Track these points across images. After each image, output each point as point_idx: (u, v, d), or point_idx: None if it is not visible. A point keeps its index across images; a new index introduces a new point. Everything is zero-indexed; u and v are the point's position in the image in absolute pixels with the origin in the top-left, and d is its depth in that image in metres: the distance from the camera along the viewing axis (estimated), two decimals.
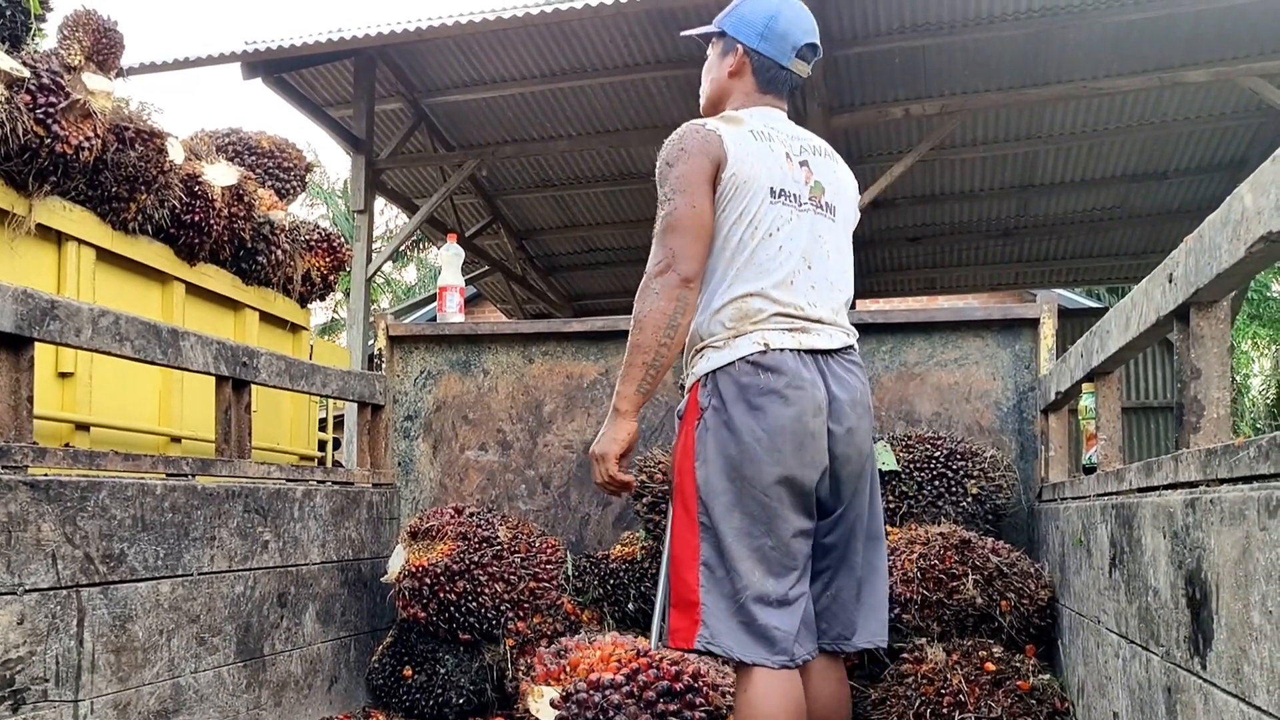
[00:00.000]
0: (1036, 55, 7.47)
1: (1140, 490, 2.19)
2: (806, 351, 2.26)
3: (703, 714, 2.91)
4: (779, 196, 2.30)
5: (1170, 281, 2.01)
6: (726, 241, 2.30)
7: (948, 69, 7.69)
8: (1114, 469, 2.54)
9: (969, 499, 3.65)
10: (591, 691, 2.88)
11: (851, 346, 2.38)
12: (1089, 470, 3.46)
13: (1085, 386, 3.16)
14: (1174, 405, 2.04)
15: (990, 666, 3.07)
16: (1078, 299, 14.40)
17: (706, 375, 2.29)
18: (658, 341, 2.25)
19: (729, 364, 2.25)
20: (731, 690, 2.73)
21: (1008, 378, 4.02)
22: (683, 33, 2.69)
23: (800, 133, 2.45)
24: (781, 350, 2.23)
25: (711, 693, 2.97)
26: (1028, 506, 3.87)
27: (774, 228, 2.29)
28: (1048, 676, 3.10)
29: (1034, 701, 2.99)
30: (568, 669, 3.05)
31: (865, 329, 4.12)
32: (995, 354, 4.03)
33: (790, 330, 2.26)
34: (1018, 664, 3.12)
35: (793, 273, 2.29)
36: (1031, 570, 3.32)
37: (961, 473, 3.68)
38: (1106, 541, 2.45)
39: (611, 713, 2.84)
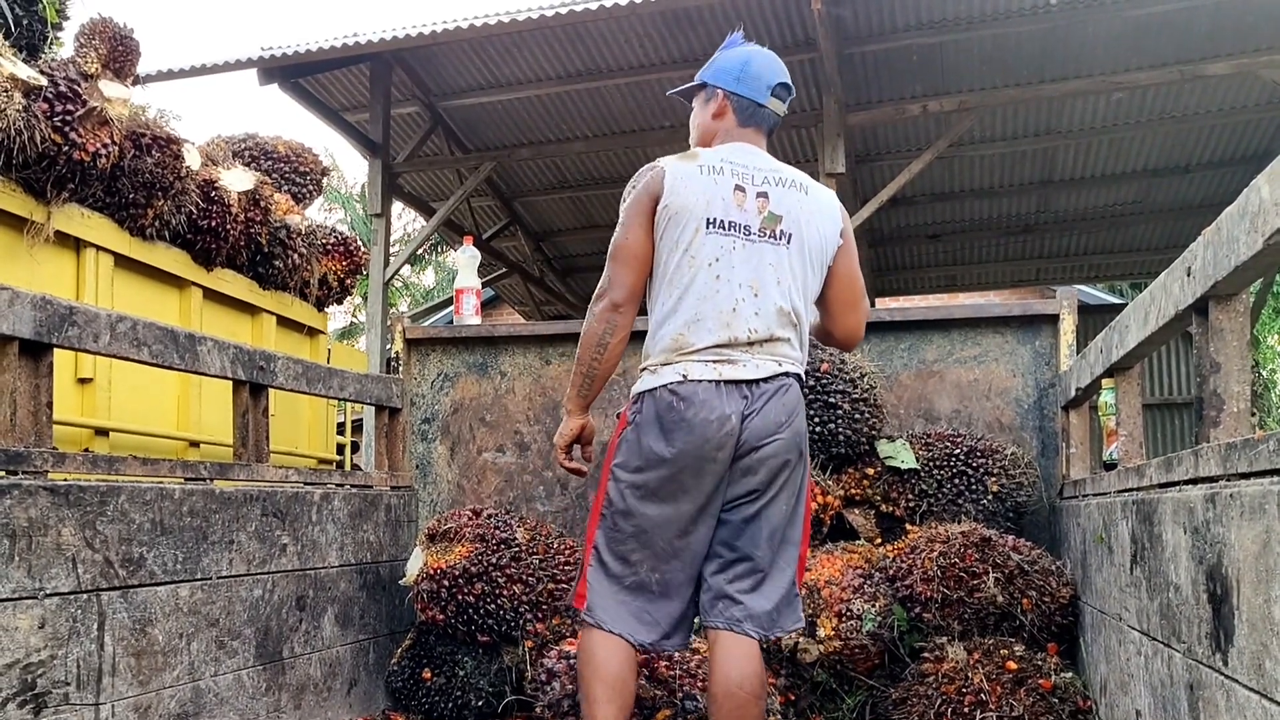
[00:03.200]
0: (1054, 50, 7.41)
1: (1161, 486, 2.16)
2: (728, 382, 2.44)
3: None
4: (716, 227, 2.47)
5: (1189, 275, 1.99)
6: (665, 269, 2.52)
7: (965, 65, 7.64)
8: (1135, 465, 2.51)
9: (989, 497, 3.63)
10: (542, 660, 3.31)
11: (784, 374, 2.50)
12: (1110, 466, 3.43)
13: (1105, 382, 3.13)
14: (1195, 400, 2.01)
15: (1012, 665, 3.04)
16: (1100, 295, 14.29)
17: (639, 395, 2.55)
18: (590, 357, 2.58)
19: (654, 389, 2.50)
20: (688, 680, 3.10)
21: (1028, 374, 3.99)
22: (669, 92, 2.88)
23: (771, 166, 2.59)
24: (699, 381, 2.44)
25: (643, 684, 3.05)
26: (1049, 504, 3.84)
27: (713, 258, 2.47)
28: (1070, 675, 3.07)
29: (1056, 700, 2.97)
30: None
31: (883, 327, 4.10)
32: (1015, 350, 4.00)
33: (715, 362, 2.46)
34: (1039, 662, 3.09)
35: (734, 301, 2.46)
36: (1053, 568, 3.29)
37: (982, 470, 3.65)
38: (1128, 538, 2.43)
39: (550, 677, 3.22)
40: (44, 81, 3.41)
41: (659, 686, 3.09)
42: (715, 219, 2.47)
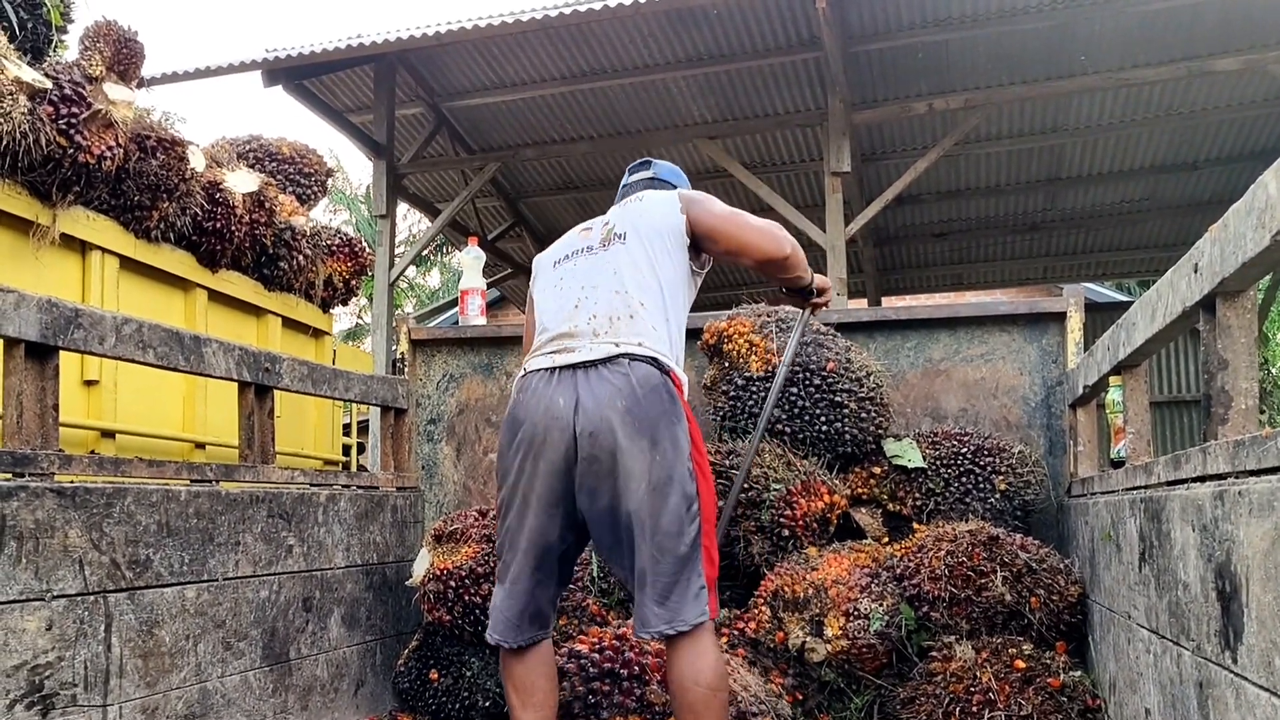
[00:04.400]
0: (1061, 47, 7.39)
1: (1169, 483, 2.15)
2: (562, 367, 2.56)
3: (634, 702, 3.02)
4: (561, 261, 2.82)
5: (1196, 272, 1.98)
6: (531, 315, 2.84)
7: (971, 62, 7.63)
8: (1142, 462, 2.50)
9: (997, 495, 3.61)
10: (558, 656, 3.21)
11: (624, 355, 2.54)
12: (1117, 464, 3.41)
13: (1113, 380, 3.12)
14: (1202, 397, 2.00)
15: (1020, 664, 3.03)
16: (1108, 293, 14.25)
17: None
18: None
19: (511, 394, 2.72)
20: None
21: (1035, 372, 3.97)
22: None
23: (622, 201, 2.94)
24: (536, 371, 2.61)
25: (654, 688, 3.04)
26: (1057, 502, 3.82)
27: (558, 278, 2.78)
28: (1079, 673, 3.06)
29: (1065, 699, 2.95)
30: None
31: (889, 325, 4.10)
32: (1022, 349, 3.99)
33: (554, 352, 2.61)
34: (1048, 661, 3.08)
35: (575, 300, 2.67)
36: (1061, 566, 3.28)
37: (989, 469, 3.64)
38: (1136, 536, 2.41)
39: (560, 676, 3.12)
40: (49, 84, 3.41)
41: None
42: (560, 258, 2.82)
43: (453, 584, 3.51)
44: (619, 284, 2.64)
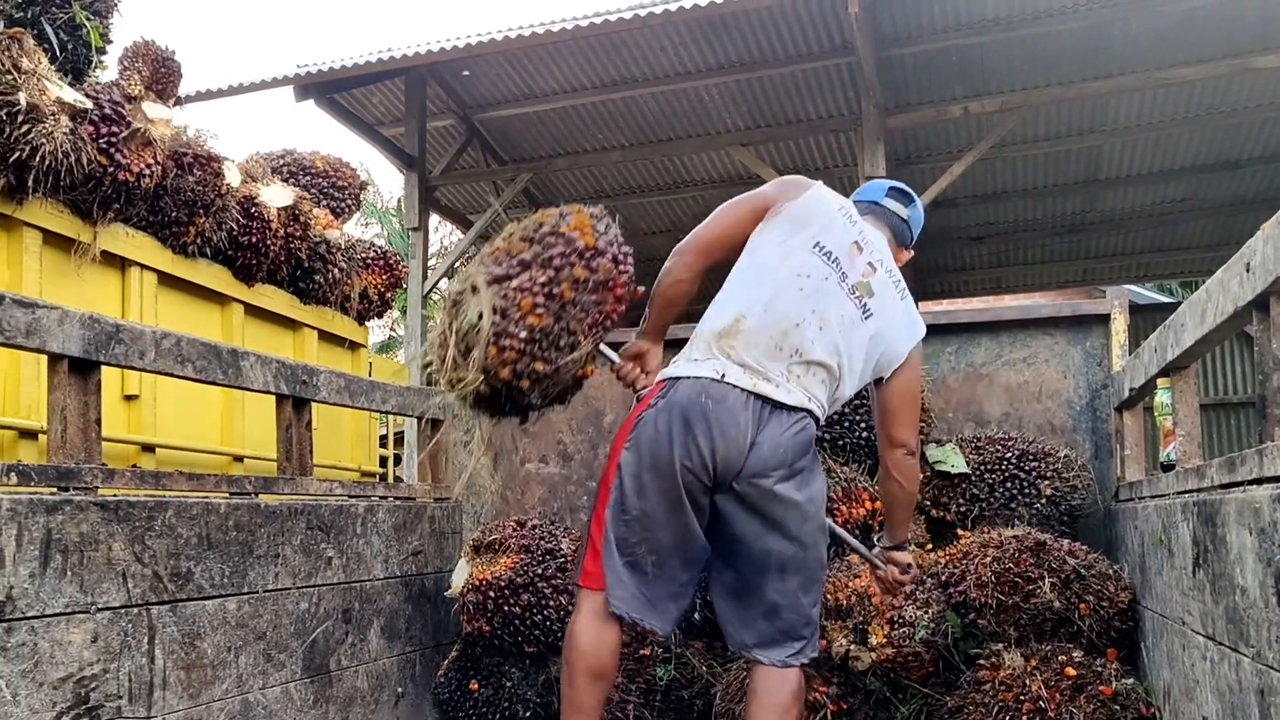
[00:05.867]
0: (1098, 47, 7.29)
1: (1223, 486, 2.10)
2: (756, 395, 2.50)
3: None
4: (821, 252, 2.65)
5: (1248, 271, 1.94)
6: (754, 258, 2.70)
7: (1006, 65, 7.54)
8: (1194, 466, 2.45)
9: (1043, 500, 3.56)
10: None
11: (807, 411, 2.53)
12: (1167, 468, 3.34)
13: (1160, 382, 3.06)
14: (1256, 399, 1.95)
15: (1071, 672, 2.97)
16: (1149, 294, 14.04)
17: (669, 379, 2.65)
18: (659, 287, 2.82)
19: (685, 378, 2.59)
20: None
21: (1079, 375, 3.91)
22: None
23: (890, 259, 2.80)
24: (733, 386, 2.50)
25: None
26: (1104, 507, 3.76)
27: (804, 273, 2.61)
28: (1131, 681, 3.00)
29: (1118, 707, 2.89)
30: None
31: (929, 330, 4.03)
32: (1065, 352, 3.93)
33: (753, 370, 2.53)
34: (1099, 669, 3.02)
35: (800, 318, 2.56)
36: (1110, 572, 3.21)
37: (1034, 474, 3.58)
38: (1189, 540, 2.36)
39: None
40: (89, 104, 3.45)
41: None
42: (824, 246, 2.58)
43: (492, 594, 3.50)
44: (836, 348, 2.55)
